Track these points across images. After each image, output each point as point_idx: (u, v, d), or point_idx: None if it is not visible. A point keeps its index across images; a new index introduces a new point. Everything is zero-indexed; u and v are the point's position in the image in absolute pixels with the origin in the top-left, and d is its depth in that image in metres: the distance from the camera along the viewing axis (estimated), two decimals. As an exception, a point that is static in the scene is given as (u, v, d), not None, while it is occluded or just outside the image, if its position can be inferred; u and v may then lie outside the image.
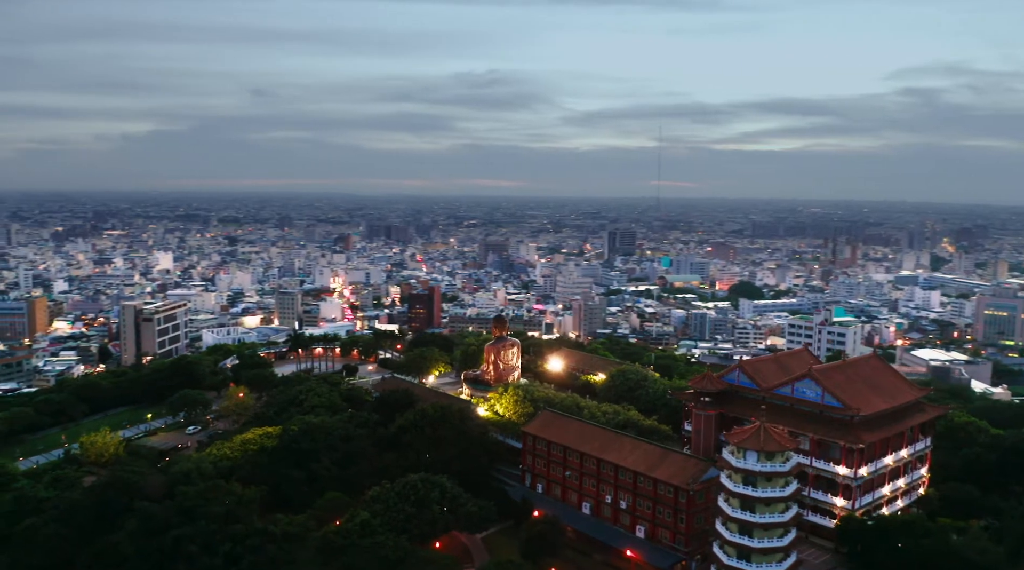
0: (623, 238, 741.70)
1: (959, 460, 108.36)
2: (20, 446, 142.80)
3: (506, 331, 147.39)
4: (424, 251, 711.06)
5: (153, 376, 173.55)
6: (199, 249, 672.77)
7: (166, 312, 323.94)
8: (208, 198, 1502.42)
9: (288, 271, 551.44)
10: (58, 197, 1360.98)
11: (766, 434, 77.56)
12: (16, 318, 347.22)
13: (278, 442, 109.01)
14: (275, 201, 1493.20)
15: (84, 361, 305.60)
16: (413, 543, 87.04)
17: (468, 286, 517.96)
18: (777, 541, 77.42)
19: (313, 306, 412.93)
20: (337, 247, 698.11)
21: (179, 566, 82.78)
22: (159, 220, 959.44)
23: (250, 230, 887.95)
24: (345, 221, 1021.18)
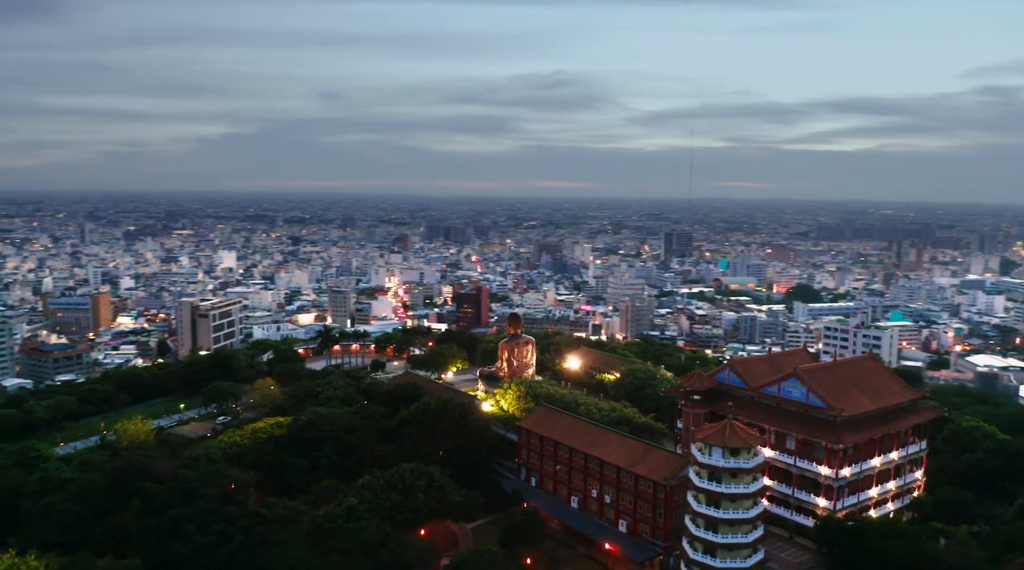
0: (680, 240, 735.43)
1: (961, 465, 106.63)
2: (62, 432, 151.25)
3: (520, 329, 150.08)
4: (480, 252, 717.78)
5: (191, 368, 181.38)
6: (263, 248, 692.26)
7: (221, 309, 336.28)
8: (277, 199, 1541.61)
9: (346, 270, 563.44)
10: (134, 197, 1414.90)
11: (731, 431, 78.50)
12: (81, 313, 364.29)
13: (286, 431, 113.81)
14: (342, 202, 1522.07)
15: (143, 355, 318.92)
16: (397, 529, 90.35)
17: (519, 286, 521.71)
18: (742, 537, 78.27)
19: (366, 304, 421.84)
20: (395, 247, 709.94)
21: (176, 543, 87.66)
22: (228, 220, 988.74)
23: (314, 230, 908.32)
24: (407, 222, 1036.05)
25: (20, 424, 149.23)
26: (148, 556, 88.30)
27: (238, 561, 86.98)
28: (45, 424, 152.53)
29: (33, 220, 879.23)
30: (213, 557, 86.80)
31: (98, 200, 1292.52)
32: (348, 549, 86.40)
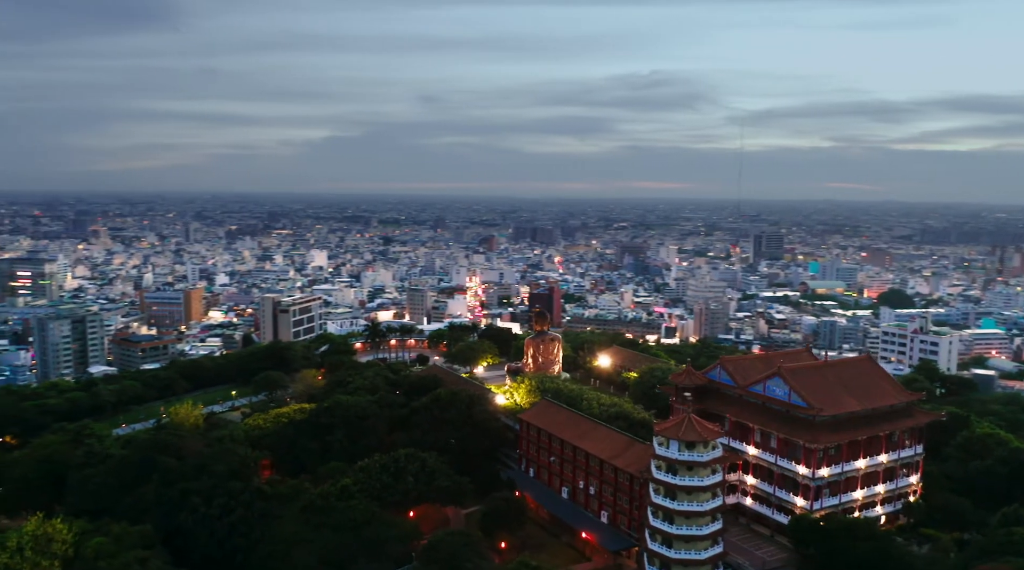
0: (770, 242, 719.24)
1: (967, 472, 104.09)
2: (126, 414, 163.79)
3: (547, 326, 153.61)
4: (564, 253, 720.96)
5: (249, 358, 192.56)
6: (354, 248, 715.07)
7: (302, 305, 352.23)
8: (375, 200, 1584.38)
9: (429, 270, 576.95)
10: (241, 198, 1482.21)
11: (688, 424, 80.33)
12: (174, 307, 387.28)
13: (305, 416, 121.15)
14: (438, 204, 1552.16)
15: (228, 347, 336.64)
16: (386, 509, 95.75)
17: (597, 287, 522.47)
18: (697, 529, 79.97)
19: (443, 303, 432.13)
20: (480, 248, 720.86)
21: (184, 514, 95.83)
22: (326, 221, 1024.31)
23: (407, 231, 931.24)
24: (496, 223, 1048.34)
25: (88, 406, 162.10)
26: (161, 524, 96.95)
27: (237, 532, 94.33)
28: (111, 406, 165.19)
29: (144, 219, 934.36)
30: (215, 527, 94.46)
31: (206, 201, 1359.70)
32: (337, 525, 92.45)
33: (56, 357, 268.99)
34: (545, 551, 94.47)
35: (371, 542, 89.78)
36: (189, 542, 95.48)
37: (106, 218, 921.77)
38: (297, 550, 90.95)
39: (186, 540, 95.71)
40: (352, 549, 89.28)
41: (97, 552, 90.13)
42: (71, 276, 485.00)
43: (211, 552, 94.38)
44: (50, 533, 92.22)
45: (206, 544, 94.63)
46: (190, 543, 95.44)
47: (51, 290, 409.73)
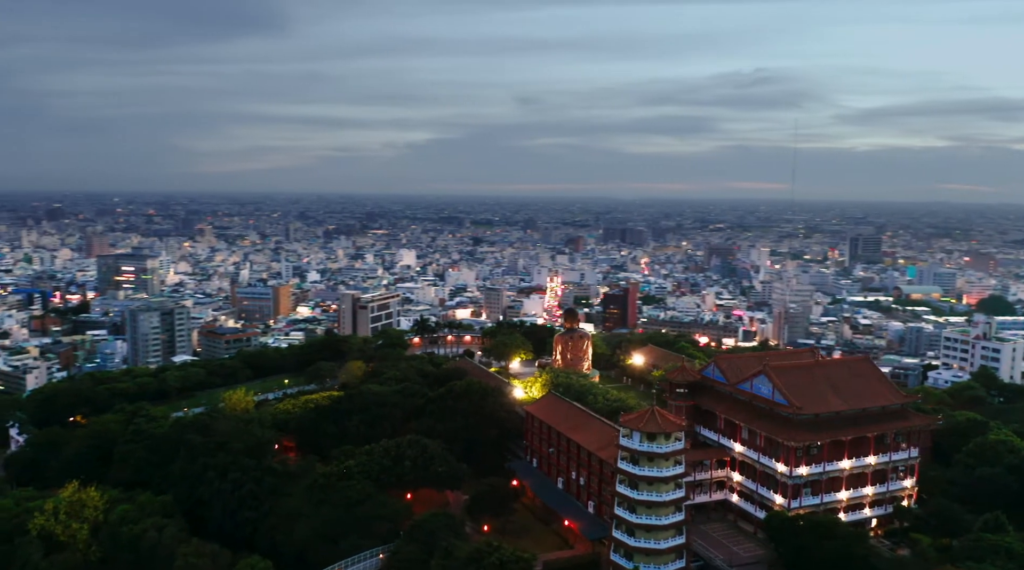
0: (867, 245, 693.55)
1: (972, 478, 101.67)
2: (189, 399, 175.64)
3: (576, 324, 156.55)
4: (652, 254, 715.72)
5: (308, 349, 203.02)
6: (444, 248, 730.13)
7: (380, 301, 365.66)
8: (473, 202, 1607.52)
9: (512, 270, 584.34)
10: (344, 199, 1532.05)
11: (651, 416, 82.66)
12: (264, 302, 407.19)
13: (329, 403, 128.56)
14: (533, 205, 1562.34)
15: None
16: (383, 490, 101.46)
17: (680, 289, 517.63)
18: (656, 519, 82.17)
19: (518, 302, 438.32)
20: (566, 249, 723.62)
21: (201, 486, 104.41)
22: (422, 221, 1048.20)
23: (499, 232, 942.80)
24: (588, 224, 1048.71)
25: (155, 390, 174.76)
26: (183, 495, 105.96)
27: (247, 505, 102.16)
28: (175, 391, 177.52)
29: (250, 219, 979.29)
30: (227, 500, 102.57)
31: (311, 201, 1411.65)
32: (335, 502, 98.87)
33: (146, 346, 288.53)
34: (529, 537, 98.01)
35: (363, 519, 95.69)
36: (205, 513, 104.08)
37: (214, 217, 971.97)
38: (298, 524, 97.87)
39: (203, 511, 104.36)
40: (345, 525, 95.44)
41: (122, 518, 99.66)
42: (173, 271, 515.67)
43: (223, 523, 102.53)
44: (84, 500, 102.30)
45: (219, 515, 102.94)
46: (206, 514, 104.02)
47: (152, 284, 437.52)
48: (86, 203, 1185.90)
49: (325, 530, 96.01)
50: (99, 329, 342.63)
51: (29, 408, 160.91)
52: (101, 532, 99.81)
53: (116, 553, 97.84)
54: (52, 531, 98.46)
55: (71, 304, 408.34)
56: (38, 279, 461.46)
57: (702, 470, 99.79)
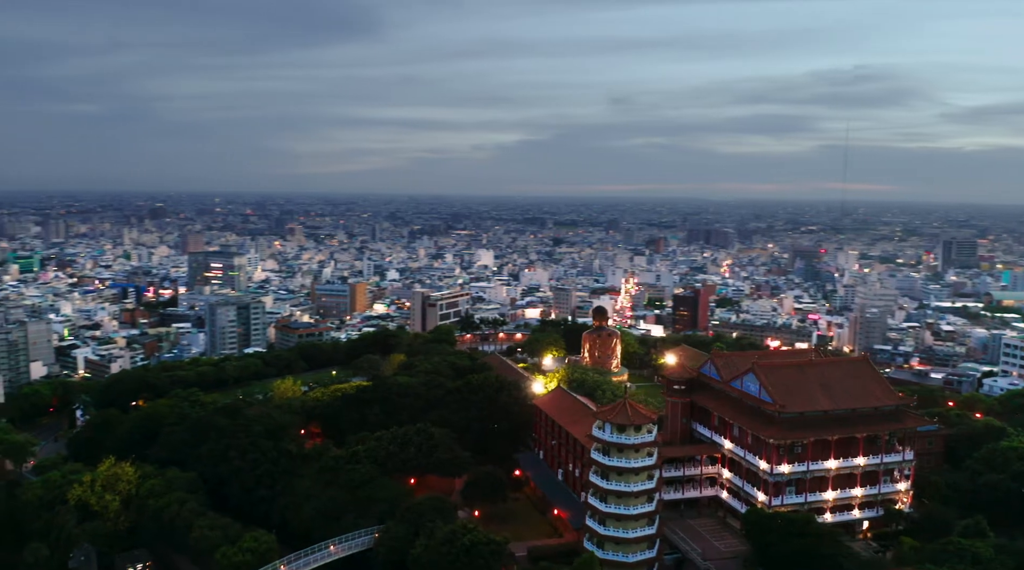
0: (961, 249, 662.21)
1: (976, 484, 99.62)
2: (244, 388, 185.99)
3: (605, 322, 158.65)
4: (736, 256, 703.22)
5: (360, 343, 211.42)
6: (523, 249, 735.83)
7: (449, 299, 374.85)
8: (560, 203, 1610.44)
9: (587, 271, 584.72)
10: (433, 200, 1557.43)
11: (621, 409, 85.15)
12: (341, 299, 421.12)
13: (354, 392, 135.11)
14: (621, 206, 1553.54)
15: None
16: (389, 475, 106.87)
17: (757, 292, 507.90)
18: (624, 509, 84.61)
19: (587, 303, 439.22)
20: (647, 250, 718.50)
21: (223, 465, 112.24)
22: (506, 222, 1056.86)
23: (581, 233, 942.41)
24: (673, 225, 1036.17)
25: (214, 378, 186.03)
26: (208, 473, 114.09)
27: (263, 484, 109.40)
28: (233, 380, 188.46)
29: (341, 219, 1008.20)
30: (245, 478, 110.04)
31: (402, 202, 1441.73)
32: (341, 484, 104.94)
33: (223, 339, 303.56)
34: (521, 524, 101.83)
35: (363, 500, 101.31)
36: (227, 490, 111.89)
37: (307, 217, 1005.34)
38: (307, 503, 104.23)
39: (225, 488, 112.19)
40: (347, 505, 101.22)
41: (149, 492, 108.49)
42: (261, 269, 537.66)
43: (241, 500, 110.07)
44: (118, 474, 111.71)
45: (238, 492, 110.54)
46: (228, 491, 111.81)
47: (239, 281, 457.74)
48: (188, 203, 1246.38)
49: (329, 509, 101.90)
50: (184, 322, 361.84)
51: (96, 393, 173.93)
52: (132, 504, 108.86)
53: (142, 523, 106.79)
54: (87, 501, 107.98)
55: (162, 298, 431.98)
56: (133, 274, 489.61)
57: (693, 466, 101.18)
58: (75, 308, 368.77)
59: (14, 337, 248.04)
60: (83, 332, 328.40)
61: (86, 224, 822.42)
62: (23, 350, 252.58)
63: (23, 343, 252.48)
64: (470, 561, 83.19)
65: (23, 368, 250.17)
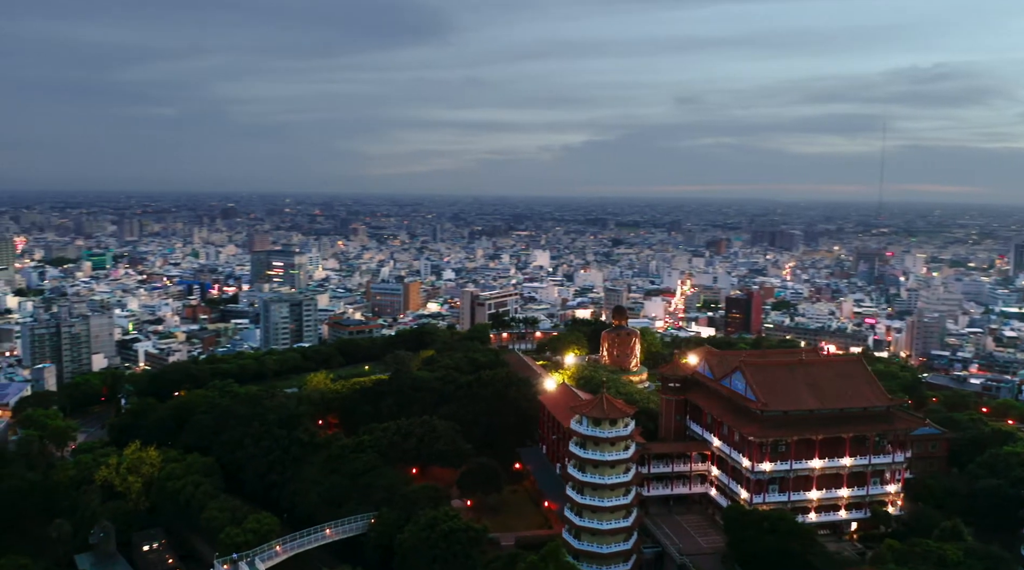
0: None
1: (973, 489, 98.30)
2: (284, 381, 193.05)
3: (625, 321, 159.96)
4: (800, 258, 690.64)
5: (397, 339, 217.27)
6: (581, 250, 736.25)
7: (497, 299, 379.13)
8: (623, 203, 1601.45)
9: (643, 272, 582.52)
10: (497, 201, 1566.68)
11: (597, 403, 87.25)
12: (395, 297, 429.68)
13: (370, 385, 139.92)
14: (686, 206, 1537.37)
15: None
16: (392, 465, 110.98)
17: (820, 295, 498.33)
18: (599, 500, 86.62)
19: (639, 304, 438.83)
20: (707, 251, 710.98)
21: (239, 451, 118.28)
22: (568, 223, 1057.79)
23: (643, 234, 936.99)
24: (737, 226, 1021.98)
25: (254, 371, 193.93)
26: (226, 459, 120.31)
27: (274, 470, 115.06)
28: (273, 373, 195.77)
29: (405, 219, 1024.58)
30: (257, 464, 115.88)
31: (466, 203, 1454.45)
32: (344, 471, 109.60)
33: (276, 334, 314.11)
34: (514, 515, 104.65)
35: (363, 487, 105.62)
36: (242, 475, 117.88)
37: (372, 218, 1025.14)
38: (312, 489, 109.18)
39: (241, 473, 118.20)
40: (348, 491, 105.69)
41: (168, 475, 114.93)
42: (321, 268, 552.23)
43: (255, 484, 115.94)
44: (142, 458, 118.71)
45: (251, 477, 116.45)
46: (243, 476, 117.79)
47: (299, 279, 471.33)
48: (259, 203, 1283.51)
49: (331, 495, 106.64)
50: (242, 318, 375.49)
51: (142, 383, 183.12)
52: (153, 486, 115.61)
53: (160, 503, 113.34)
54: (112, 482, 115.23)
55: (225, 295, 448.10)
56: (200, 272, 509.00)
57: (683, 462, 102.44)
58: (141, 304, 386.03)
59: (77, 330, 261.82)
60: (146, 327, 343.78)
61: (160, 223, 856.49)
62: (85, 343, 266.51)
63: (85, 336, 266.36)
64: (448, 546, 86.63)
65: (85, 360, 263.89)
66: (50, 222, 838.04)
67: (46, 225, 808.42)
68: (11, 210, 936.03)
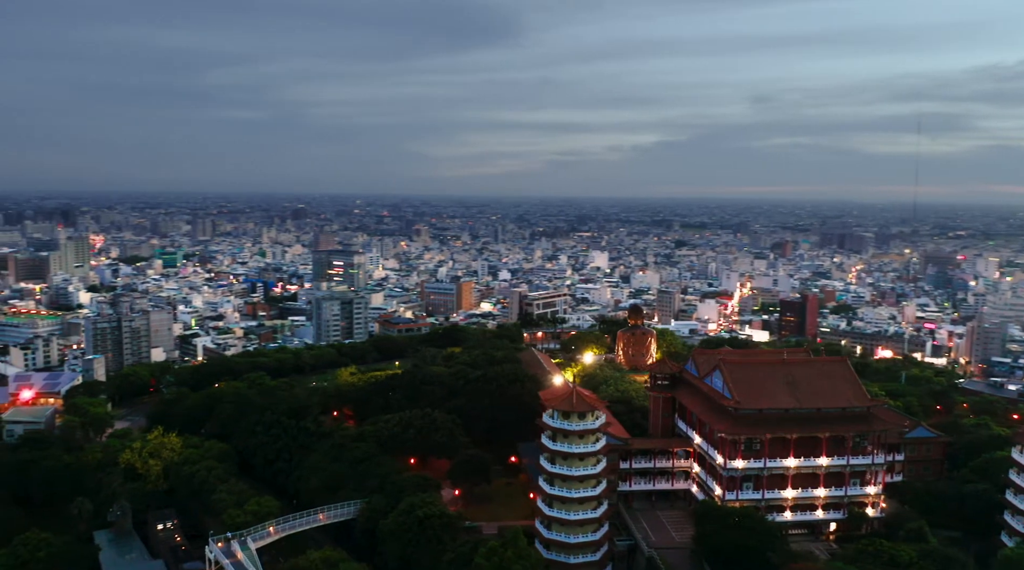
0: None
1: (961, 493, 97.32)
2: (318, 375, 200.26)
3: (641, 321, 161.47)
4: (868, 261, 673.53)
5: (432, 335, 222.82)
6: (642, 251, 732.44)
7: (546, 299, 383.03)
8: (692, 205, 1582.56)
9: (702, 274, 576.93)
10: (565, 202, 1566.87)
11: (566, 397, 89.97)
12: (448, 297, 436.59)
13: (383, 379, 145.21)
14: (758, 208, 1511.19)
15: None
16: (390, 454, 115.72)
17: (881, 299, 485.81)
18: (567, 491, 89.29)
19: (691, 306, 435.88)
20: (771, 253, 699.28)
21: (251, 438, 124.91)
22: (633, 224, 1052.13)
23: (708, 235, 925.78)
24: (807, 228, 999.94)
25: (291, 365, 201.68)
26: (241, 445, 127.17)
27: (281, 457, 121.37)
28: (310, 368, 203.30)
29: (470, 221, 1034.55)
30: (267, 450, 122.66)
31: (532, 205, 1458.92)
32: (344, 459, 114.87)
33: (327, 331, 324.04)
34: (503, 505, 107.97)
35: (360, 475, 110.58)
36: (254, 461, 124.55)
37: (438, 219, 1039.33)
38: (314, 476, 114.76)
39: (254, 459, 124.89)
40: (346, 478, 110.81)
41: (185, 459, 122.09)
42: (382, 267, 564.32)
43: (264, 470, 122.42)
44: (164, 443, 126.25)
45: (261, 463, 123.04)
46: (254, 461, 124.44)
47: (357, 278, 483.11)
48: (330, 204, 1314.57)
49: (331, 482, 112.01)
50: (300, 315, 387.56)
51: (184, 375, 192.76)
52: (171, 469, 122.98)
53: (177, 486, 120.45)
54: (134, 465, 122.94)
55: (287, 293, 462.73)
56: (264, 270, 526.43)
57: (665, 459, 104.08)
58: (205, 301, 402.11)
59: (136, 325, 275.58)
60: (207, 323, 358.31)
61: (232, 223, 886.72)
62: (144, 337, 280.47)
63: (144, 331, 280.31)
64: (422, 531, 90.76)
65: (144, 353, 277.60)
66: (128, 222, 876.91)
67: (125, 225, 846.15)
68: (93, 210, 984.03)
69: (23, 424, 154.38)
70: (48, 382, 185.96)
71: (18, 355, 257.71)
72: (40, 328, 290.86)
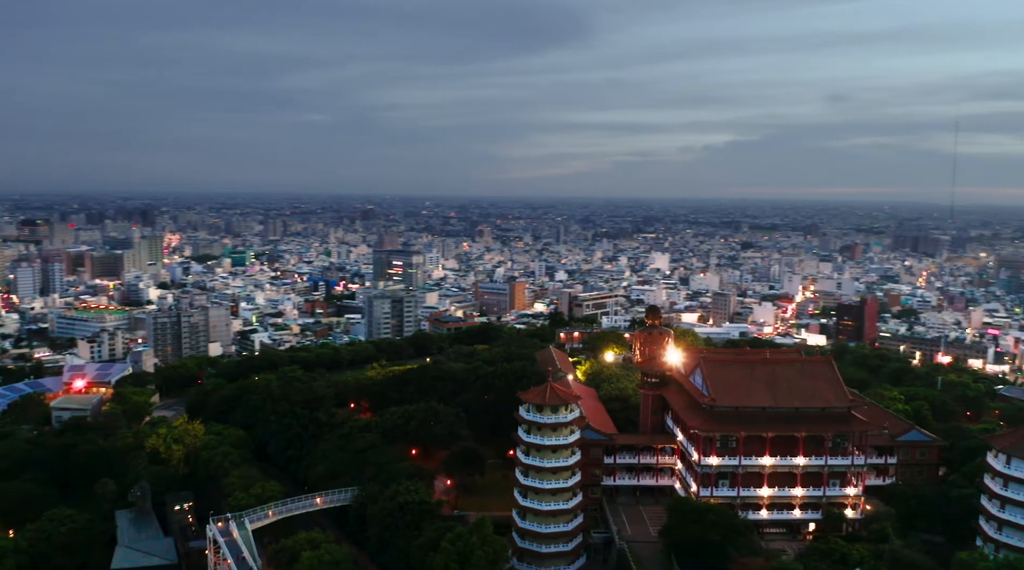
0: None
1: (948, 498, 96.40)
2: (356, 370, 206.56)
3: (658, 321, 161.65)
4: (940, 265, 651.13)
5: (465, 334, 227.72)
6: (705, 253, 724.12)
7: (597, 300, 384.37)
8: (764, 205, 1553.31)
9: (764, 276, 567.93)
10: (633, 203, 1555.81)
11: (542, 391, 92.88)
12: (501, 297, 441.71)
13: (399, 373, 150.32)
14: (832, 209, 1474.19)
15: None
16: (395, 445, 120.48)
17: (949, 304, 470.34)
18: (539, 482, 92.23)
19: (747, 309, 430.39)
20: (839, 256, 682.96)
21: (268, 426, 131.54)
22: (701, 225, 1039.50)
23: (777, 237, 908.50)
24: (882, 231, 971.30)
25: (330, 360, 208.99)
26: (259, 433, 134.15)
27: (293, 446, 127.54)
28: (347, 363, 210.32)
29: (534, 222, 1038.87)
30: (279, 439, 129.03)
31: (598, 206, 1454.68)
32: (349, 449, 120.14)
33: (379, 328, 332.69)
34: (495, 497, 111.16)
35: (359, 463, 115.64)
36: (269, 449, 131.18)
37: (503, 220, 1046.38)
38: (320, 463, 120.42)
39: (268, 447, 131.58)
40: (348, 466, 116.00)
41: (204, 445, 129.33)
42: (442, 267, 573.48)
43: (277, 457, 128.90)
44: (188, 430, 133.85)
45: (275, 451, 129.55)
46: (269, 450, 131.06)
47: (416, 277, 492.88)
48: (400, 206, 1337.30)
49: (335, 469, 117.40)
50: (356, 313, 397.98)
51: (228, 367, 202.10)
52: (192, 454, 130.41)
53: (196, 470, 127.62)
54: (158, 449, 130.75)
55: (347, 292, 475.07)
56: (328, 269, 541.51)
57: (650, 455, 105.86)
58: (267, 298, 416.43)
59: (195, 320, 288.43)
60: (267, 319, 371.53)
61: (303, 224, 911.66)
62: (203, 332, 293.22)
63: (203, 326, 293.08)
64: (401, 516, 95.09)
65: (202, 348, 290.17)
66: (204, 222, 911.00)
67: (200, 224, 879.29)
68: (172, 210, 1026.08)
69: (71, 411, 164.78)
70: (100, 372, 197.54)
71: (85, 348, 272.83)
72: (107, 322, 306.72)
